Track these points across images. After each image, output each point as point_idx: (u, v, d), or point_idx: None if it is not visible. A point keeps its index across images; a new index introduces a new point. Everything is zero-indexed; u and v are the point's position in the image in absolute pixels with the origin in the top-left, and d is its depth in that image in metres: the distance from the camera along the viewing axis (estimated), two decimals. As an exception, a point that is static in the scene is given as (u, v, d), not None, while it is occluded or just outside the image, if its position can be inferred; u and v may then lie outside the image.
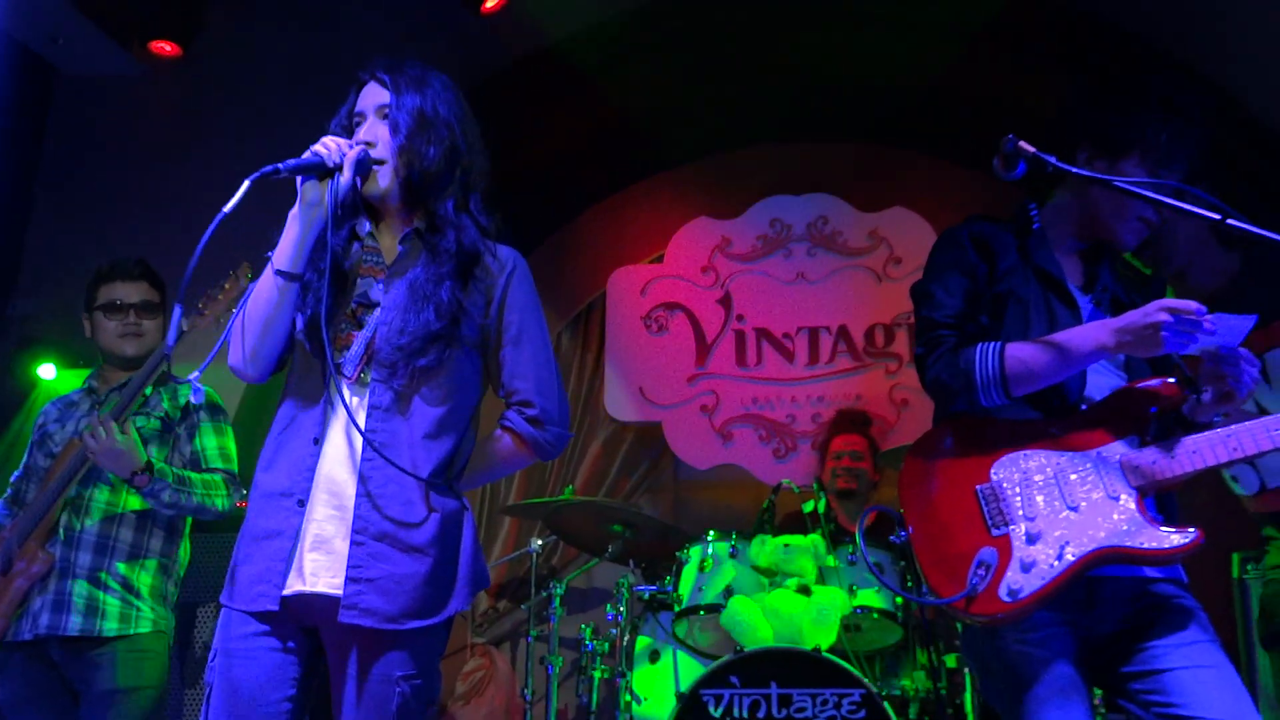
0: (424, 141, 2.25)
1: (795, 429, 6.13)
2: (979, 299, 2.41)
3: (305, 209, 2.19)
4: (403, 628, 2.11)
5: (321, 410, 2.20)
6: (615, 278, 6.46)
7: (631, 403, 6.31)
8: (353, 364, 2.20)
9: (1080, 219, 2.46)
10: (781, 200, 6.46)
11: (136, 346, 3.47)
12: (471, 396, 2.29)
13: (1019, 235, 2.48)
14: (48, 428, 3.49)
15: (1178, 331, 2.14)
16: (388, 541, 2.12)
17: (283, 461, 2.20)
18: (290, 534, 2.14)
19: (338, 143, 2.20)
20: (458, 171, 2.29)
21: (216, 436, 3.46)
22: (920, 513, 2.35)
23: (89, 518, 3.31)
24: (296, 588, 2.12)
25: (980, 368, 2.28)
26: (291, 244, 2.20)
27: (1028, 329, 2.35)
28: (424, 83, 2.30)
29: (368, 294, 2.24)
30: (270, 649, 2.15)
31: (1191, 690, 2.14)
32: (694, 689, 3.86)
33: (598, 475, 6.28)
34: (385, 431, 2.17)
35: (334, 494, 2.15)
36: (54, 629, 3.21)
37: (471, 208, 2.31)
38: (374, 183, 2.26)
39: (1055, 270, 2.42)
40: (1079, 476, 2.25)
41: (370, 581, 2.10)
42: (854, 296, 6.27)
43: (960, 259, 2.44)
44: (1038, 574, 2.17)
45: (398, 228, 2.32)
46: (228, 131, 5.29)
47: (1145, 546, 2.16)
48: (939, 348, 2.36)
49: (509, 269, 2.32)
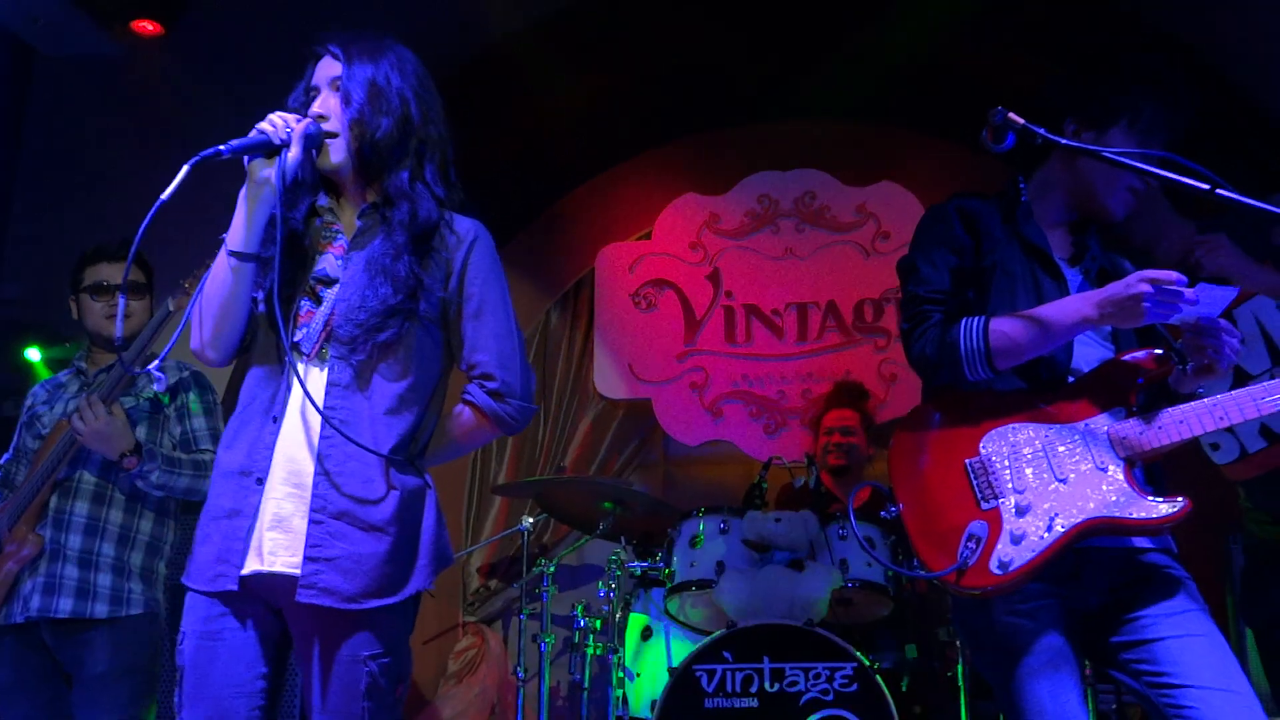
0: (375, 112, 2.22)
1: (785, 405, 6.13)
2: (965, 274, 2.41)
3: (254, 187, 2.15)
4: (362, 607, 2.08)
5: (281, 388, 2.18)
6: (603, 255, 6.45)
7: (621, 380, 6.30)
8: (311, 341, 2.19)
9: (1068, 191, 2.46)
10: (769, 176, 6.45)
11: (124, 328, 3.45)
12: (433, 372, 2.27)
13: (1006, 209, 2.48)
14: (36, 409, 3.48)
15: (1159, 302, 2.14)
16: (347, 520, 2.10)
17: (242, 440, 2.19)
18: (249, 513, 2.12)
19: (284, 118, 2.16)
20: (412, 142, 2.26)
21: (206, 417, 3.44)
22: (910, 487, 2.36)
23: (78, 500, 3.30)
24: (255, 567, 2.11)
25: (965, 342, 2.28)
26: (242, 223, 2.17)
27: (1014, 302, 2.35)
28: (377, 53, 2.27)
29: (326, 270, 2.22)
30: (237, 628, 2.14)
31: (1181, 658, 2.15)
32: (686, 664, 3.87)
33: (588, 452, 6.28)
34: (345, 408, 2.15)
35: (293, 472, 2.14)
36: (45, 611, 3.20)
37: (428, 178, 2.27)
38: (326, 156, 2.23)
39: (1042, 243, 2.42)
40: (1067, 449, 2.25)
41: (329, 560, 2.08)
42: (842, 272, 6.27)
43: (946, 234, 2.44)
44: (1028, 546, 2.18)
45: (356, 202, 2.30)
46: (211, 111, 5.24)
47: (1134, 516, 2.17)
48: (924, 323, 2.37)
49: (469, 240, 2.28)
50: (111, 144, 5.40)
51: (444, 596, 5.94)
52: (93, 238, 3.59)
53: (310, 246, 2.26)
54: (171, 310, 3.22)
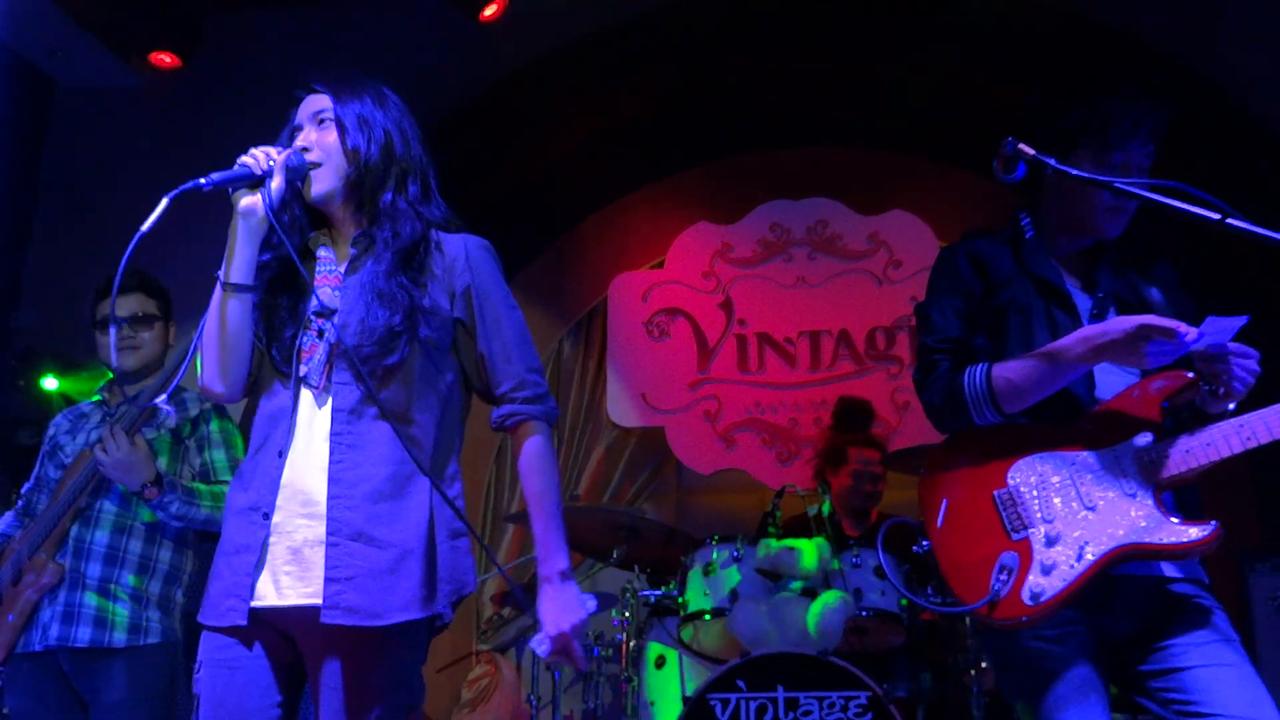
0: (362, 140, 2.27)
1: (798, 433, 6.14)
2: (976, 318, 2.42)
3: (239, 219, 2.19)
4: (386, 623, 2.09)
5: (287, 423, 2.20)
6: (616, 284, 6.48)
7: (634, 408, 6.32)
8: (317, 372, 2.20)
9: (1063, 218, 2.45)
10: (781, 205, 6.48)
11: (135, 359, 3.46)
12: (442, 393, 2.27)
13: (1013, 245, 2.48)
14: (58, 439, 3.50)
15: (1159, 349, 2.15)
16: (363, 540, 2.12)
17: (251, 478, 2.21)
18: (256, 547, 2.14)
19: (265, 151, 2.21)
20: (394, 168, 2.30)
21: (226, 449, 3.46)
22: (940, 521, 2.37)
23: (99, 529, 3.32)
24: (268, 602, 2.12)
25: (969, 390, 2.31)
26: (232, 256, 2.20)
27: (1030, 339, 2.35)
28: (360, 89, 2.34)
29: (323, 303, 2.24)
30: (251, 657, 2.15)
31: (1211, 688, 2.14)
32: (700, 694, 3.86)
33: (601, 481, 6.29)
34: (352, 434, 2.16)
35: (304, 502, 2.15)
36: (64, 640, 3.21)
37: (411, 198, 2.31)
38: (311, 186, 2.27)
39: (1052, 275, 2.42)
40: (1094, 476, 2.25)
41: (349, 580, 2.09)
42: (855, 300, 6.29)
43: (955, 280, 2.46)
44: (1059, 575, 2.18)
45: (349, 232, 2.33)
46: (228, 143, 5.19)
47: (1165, 542, 2.15)
48: (933, 372, 2.40)
49: (463, 257, 2.31)
50: (129, 175, 5.45)
51: (457, 624, 5.89)
52: (110, 268, 3.60)
53: (305, 283, 2.28)
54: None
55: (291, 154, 2.23)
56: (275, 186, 2.18)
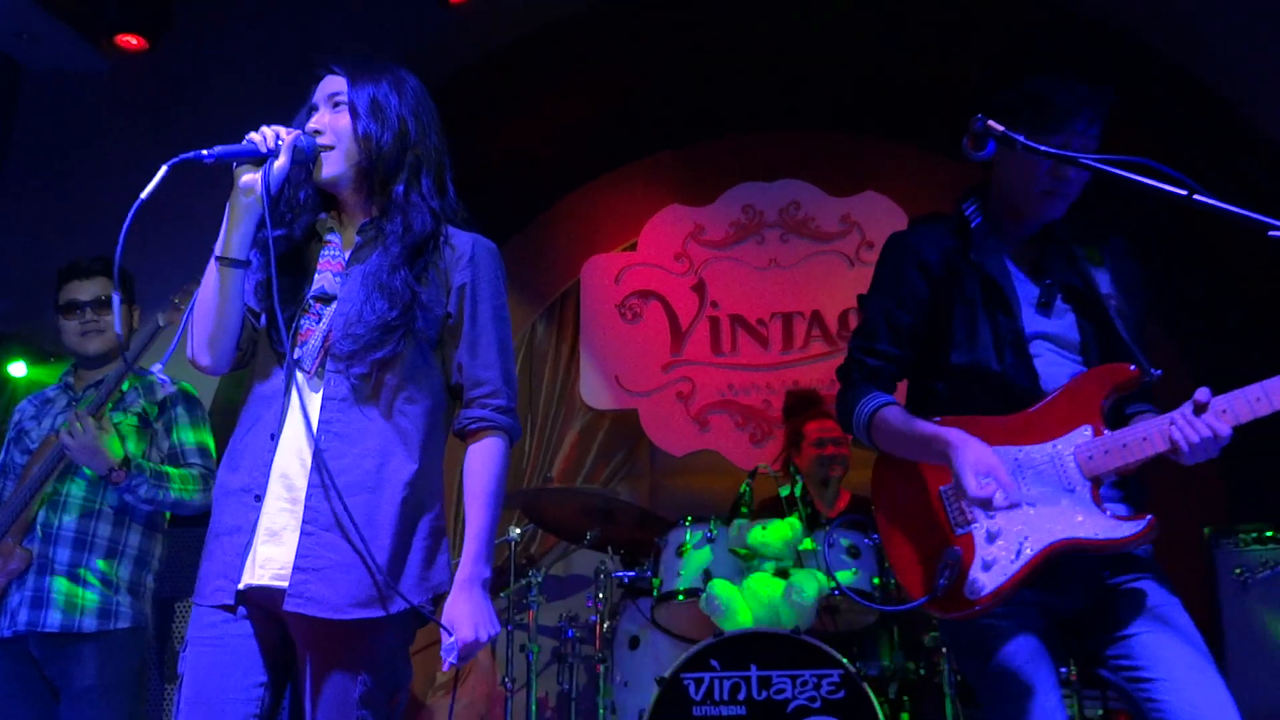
0: (375, 126, 2.24)
1: (771, 414, 6.16)
2: (917, 317, 2.42)
3: (236, 195, 2.17)
4: (348, 617, 2.09)
5: (280, 406, 2.19)
6: (589, 266, 6.48)
7: (607, 390, 6.32)
8: (311, 358, 2.20)
9: (1005, 200, 2.41)
10: (753, 187, 6.49)
11: (98, 343, 3.44)
12: (432, 388, 2.27)
13: (959, 235, 2.44)
14: (24, 424, 3.48)
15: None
16: (339, 531, 2.11)
17: (242, 459, 2.21)
18: (248, 529, 2.14)
19: (274, 130, 2.18)
20: (408, 156, 2.27)
21: (194, 431, 3.45)
22: (890, 515, 2.42)
23: (67, 514, 3.30)
24: (249, 580, 2.13)
25: (856, 416, 2.40)
26: (228, 231, 2.18)
27: (975, 331, 2.35)
28: (379, 71, 2.30)
29: (324, 288, 2.23)
30: (239, 635, 2.15)
31: (1155, 652, 2.17)
32: (674, 673, 3.88)
33: (574, 463, 6.29)
34: (341, 422, 2.16)
35: (288, 487, 2.15)
36: (33, 625, 3.20)
37: (424, 190, 2.28)
38: (321, 169, 2.25)
39: (996, 270, 2.38)
40: (1035, 472, 2.27)
41: (317, 571, 2.09)
42: (827, 281, 6.31)
43: (896, 279, 2.46)
44: (998, 571, 2.21)
45: (357, 218, 2.31)
46: (197, 127, 5.25)
47: (1099, 538, 2.18)
48: (847, 376, 2.47)
49: (467, 255, 2.29)
50: (96, 158, 5.41)
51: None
52: (77, 252, 3.58)
53: (309, 265, 2.27)
54: (161, 325, 3.22)
55: (301, 135, 2.21)
56: (278, 167, 2.16)
